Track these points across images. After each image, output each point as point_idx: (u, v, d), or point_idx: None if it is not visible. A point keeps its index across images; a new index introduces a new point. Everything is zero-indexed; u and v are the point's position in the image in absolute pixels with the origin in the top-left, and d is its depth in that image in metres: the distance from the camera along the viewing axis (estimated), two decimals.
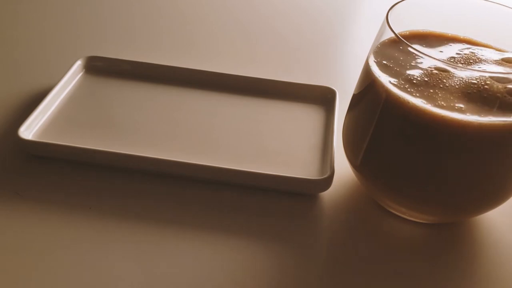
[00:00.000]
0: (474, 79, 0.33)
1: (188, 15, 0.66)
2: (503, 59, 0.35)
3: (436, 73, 0.33)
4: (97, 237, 0.35)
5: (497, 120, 0.32)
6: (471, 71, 0.34)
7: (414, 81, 0.33)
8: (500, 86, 0.32)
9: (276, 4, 0.71)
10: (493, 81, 0.32)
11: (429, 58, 0.33)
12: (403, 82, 0.33)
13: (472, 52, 0.36)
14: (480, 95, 0.32)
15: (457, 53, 0.36)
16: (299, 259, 0.35)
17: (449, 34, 0.38)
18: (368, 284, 0.34)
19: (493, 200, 0.36)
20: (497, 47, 0.37)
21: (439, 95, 0.32)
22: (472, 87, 0.32)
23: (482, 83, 0.32)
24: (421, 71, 0.33)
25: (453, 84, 0.33)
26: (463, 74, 0.33)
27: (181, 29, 0.63)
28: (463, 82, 0.33)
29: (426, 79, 0.33)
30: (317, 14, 0.70)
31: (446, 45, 0.37)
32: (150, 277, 0.33)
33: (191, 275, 0.34)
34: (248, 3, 0.71)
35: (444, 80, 0.33)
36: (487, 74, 0.33)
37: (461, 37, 0.38)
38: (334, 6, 0.72)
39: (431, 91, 0.33)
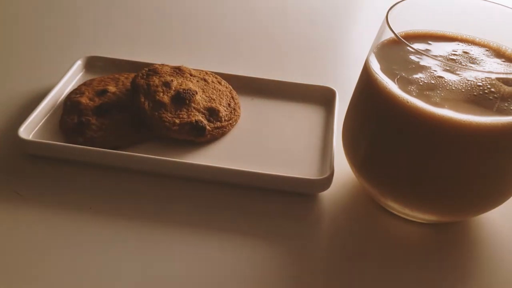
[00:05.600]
0: (474, 78, 0.33)
1: (188, 15, 0.66)
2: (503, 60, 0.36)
3: (436, 73, 0.33)
4: (97, 237, 0.35)
5: (497, 120, 0.32)
6: (470, 71, 0.34)
7: (414, 81, 0.33)
8: (502, 85, 0.32)
9: (276, 5, 0.71)
10: (493, 81, 0.32)
11: (429, 58, 0.33)
12: (403, 82, 0.33)
13: (471, 52, 0.36)
14: (480, 95, 0.32)
15: (456, 53, 0.36)
16: (299, 259, 0.35)
17: (449, 34, 0.38)
18: (368, 283, 0.34)
19: (493, 200, 0.36)
20: (496, 47, 0.37)
21: (439, 95, 0.32)
22: (472, 86, 0.32)
23: (483, 83, 0.32)
24: (420, 71, 0.33)
25: (452, 84, 0.33)
26: (462, 74, 0.33)
27: (181, 29, 0.63)
28: (463, 81, 0.33)
29: (425, 79, 0.33)
30: (317, 15, 0.70)
31: (446, 45, 0.37)
32: (150, 276, 0.33)
33: (190, 275, 0.34)
34: (249, 4, 0.71)
35: (444, 80, 0.33)
36: (487, 74, 0.33)
37: (461, 37, 0.38)
38: (334, 7, 0.72)
39: (431, 90, 0.33)
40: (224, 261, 0.35)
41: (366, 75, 0.36)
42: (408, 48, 0.32)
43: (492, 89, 0.32)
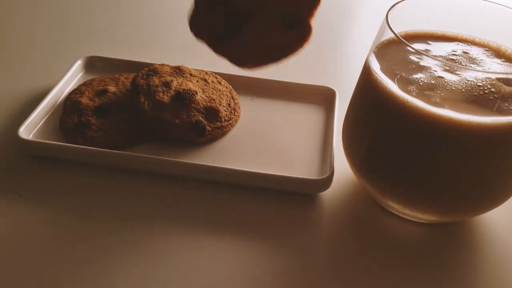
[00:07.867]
0: (474, 78, 0.33)
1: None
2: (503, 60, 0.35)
3: (436, 73, 0.33)
4: (97, 237, 0.35)
5: (497, 120, 0.32)
6: (470, 71, 0.34)
7: (414, 81, 0.33)
8: (502, 86, 0.32)
9: None
10: (493, 81, 0.32)
11: (429, 58, 0.33)
12: (403, 82, 0.33)
13: (471, 52, 0.36)
14: (480, 95, 0.32)
15: (456, 53, 0.36)
16: (299, 259, 0.35)
17: (449, 34, 0.38)
18: (368, 283, 0.34)
19: (493, 200, 0.36)
20: (496, 47, 0.37)
21: (439, 95, 0.32)
22: (472, 86, 0.32)
23: (483, 83, 0.32)
24: (420, 71, 0.33)
25: (452, 84, 0.33)
26: (462, 74, 0.33)
27: (181, 29, 0.63)
28: (463, 81, 0.33)
29: (425, 79, 0.33)
30: (317, 15, 0.70)
31: (446, 45, 0.37)
32: (150, 276, 0.33)
33: (189, 274, 0.34)
34: None
35: (444, 80, 0.33)
36: (487, 74, 0.33)
37: (461, 37, 0.38)
38: (334, 6, 0.72)
39: (431, 90, 0.33)
40: (224, 261, 0.35)
41: (366, 75, 0.36)
42: (408, 48, 0.32)
43: (492, 89, 0.32)
